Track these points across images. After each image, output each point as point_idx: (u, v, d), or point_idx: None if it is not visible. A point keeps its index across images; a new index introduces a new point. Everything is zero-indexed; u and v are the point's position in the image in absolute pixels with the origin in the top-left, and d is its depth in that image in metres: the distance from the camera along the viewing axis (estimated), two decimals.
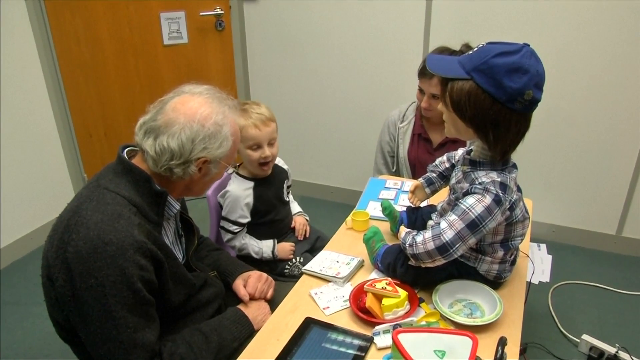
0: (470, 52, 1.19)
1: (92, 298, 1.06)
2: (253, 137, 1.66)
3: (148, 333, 1.12)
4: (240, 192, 1.73)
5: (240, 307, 1.42)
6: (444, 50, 2.01)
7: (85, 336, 1.12)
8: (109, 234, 1.07)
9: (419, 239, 1.24)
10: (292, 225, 1.92)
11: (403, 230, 1.35)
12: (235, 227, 1.75)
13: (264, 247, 1.79)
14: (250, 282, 1.48)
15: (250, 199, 1.74)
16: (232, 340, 1.30)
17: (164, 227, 1.28)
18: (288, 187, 1.90)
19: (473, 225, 1.18)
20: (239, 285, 1.47)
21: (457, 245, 1.20)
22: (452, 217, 1.21)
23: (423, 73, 2.07)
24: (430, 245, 1.21)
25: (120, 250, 1.06)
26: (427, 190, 1.59)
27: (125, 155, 1.22)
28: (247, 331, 1.35)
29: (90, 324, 1.08)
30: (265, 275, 1.53)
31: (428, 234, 1.23)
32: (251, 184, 1.75)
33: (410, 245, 1.25)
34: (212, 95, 1.24)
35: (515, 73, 1.11)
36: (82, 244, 1.06)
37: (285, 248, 1.81)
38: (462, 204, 1.21)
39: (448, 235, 1.19)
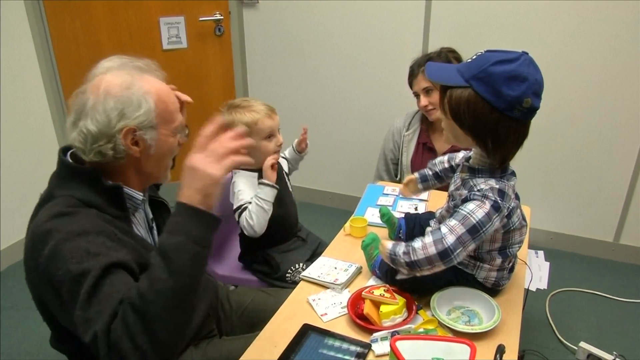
0: (469, 60, 1.20)
1: (67, 286, 0.97)
2: (269, 126, 1.72)
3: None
4: (252, 180, 1.75)
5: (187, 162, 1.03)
6: (430, 59, 2.07)
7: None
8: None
9: (418, 245, 1.21)
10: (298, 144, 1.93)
11: (389, 242, 1.29)
12: (248, 198, 1.70)
13: (260, 193, 1.69)
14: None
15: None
16: (195, 244, 0.97)
17: (134, 220, 1.21)
18: (287, 174, 1.94)
19: (474, 231, 1.18)
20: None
21: (458, 251, 1.18)
22: (453, 222, 1.20)
23: (410, 76, 2.13)
24: (432, 250, 1.18)
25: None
26: (420, 186, 1.59)
27: (69, 159, 1.15)
28: (208, 218, 1.00)
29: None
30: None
31: (428, 239, 1.21)
32: (255, 174, 1.77)
33: (406, 253, 1.22)
34: (116, 65, 1.20)
35: (514, 81, 1.12)
36: (47, 251, 1.01)
37: (266, 165, 1.69)
38: (462, 209, 1.20)
39: (449, 240, 1.18)
